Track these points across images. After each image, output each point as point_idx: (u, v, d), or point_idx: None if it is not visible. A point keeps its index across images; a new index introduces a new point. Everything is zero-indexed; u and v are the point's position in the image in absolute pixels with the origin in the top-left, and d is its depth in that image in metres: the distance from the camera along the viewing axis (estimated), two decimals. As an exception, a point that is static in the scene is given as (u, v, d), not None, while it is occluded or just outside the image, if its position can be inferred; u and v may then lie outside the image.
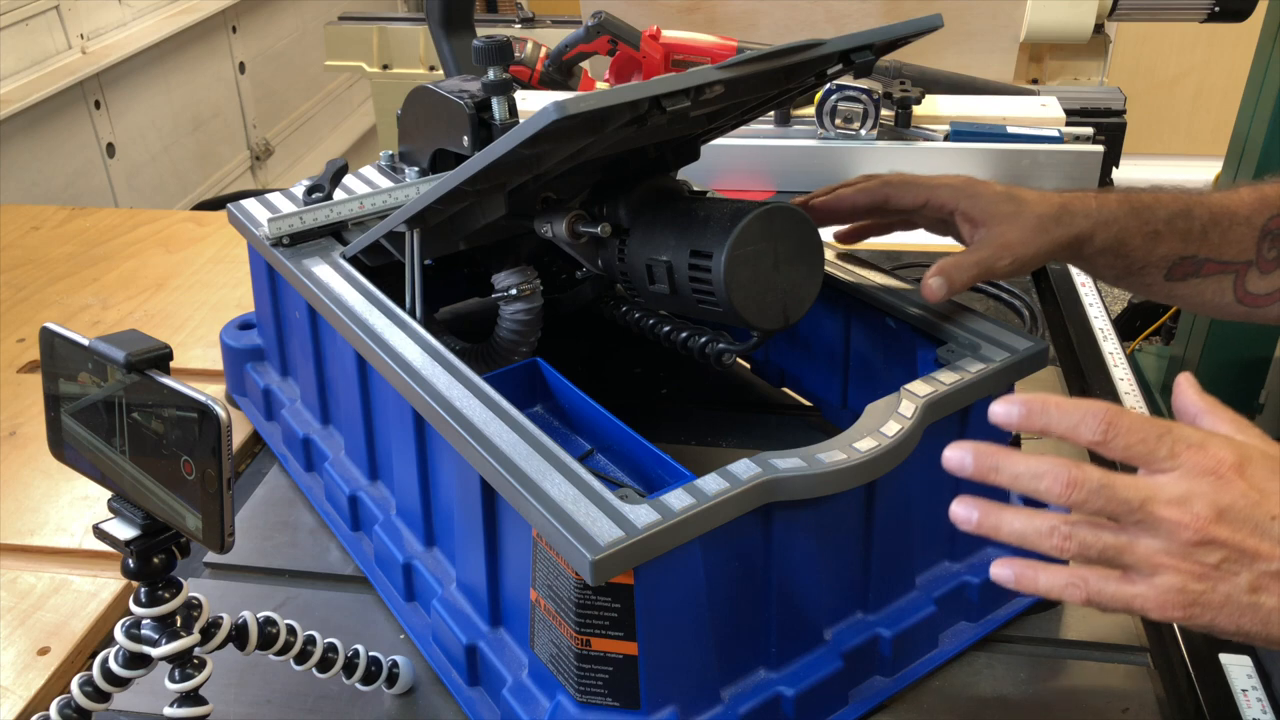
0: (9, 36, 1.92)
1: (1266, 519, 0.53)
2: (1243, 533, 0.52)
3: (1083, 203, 0.79)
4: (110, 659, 0.62)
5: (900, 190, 0.83)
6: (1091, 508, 0.54)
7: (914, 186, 0.83)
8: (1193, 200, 0.81)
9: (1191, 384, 0.60)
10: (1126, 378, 1.09)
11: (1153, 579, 0.54)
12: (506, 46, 0.86)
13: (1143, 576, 0.54)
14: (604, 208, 0.83)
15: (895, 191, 0.83)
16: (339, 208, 0.93)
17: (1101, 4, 1.83)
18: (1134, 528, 0.54)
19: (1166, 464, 0.54)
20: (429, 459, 0.78)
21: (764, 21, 1.95)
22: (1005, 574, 0.58)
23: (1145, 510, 0.53)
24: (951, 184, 0.81)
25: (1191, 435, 0.55)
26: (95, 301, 1.31)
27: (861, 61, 0.76)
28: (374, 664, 0.72)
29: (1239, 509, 0.53)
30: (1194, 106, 3.48)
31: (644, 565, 0.60)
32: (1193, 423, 0.59)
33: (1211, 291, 0.82)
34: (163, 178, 2.41)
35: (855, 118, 1.45)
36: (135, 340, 0.55)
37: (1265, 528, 0.52)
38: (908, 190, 0.83)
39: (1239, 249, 0.80)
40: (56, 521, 0.94)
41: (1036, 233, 0.77)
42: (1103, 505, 0.54)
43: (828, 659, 0.71)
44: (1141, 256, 0.80)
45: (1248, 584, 0.53)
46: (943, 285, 0.76)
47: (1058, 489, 0.54)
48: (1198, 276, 0.81)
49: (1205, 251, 0.80)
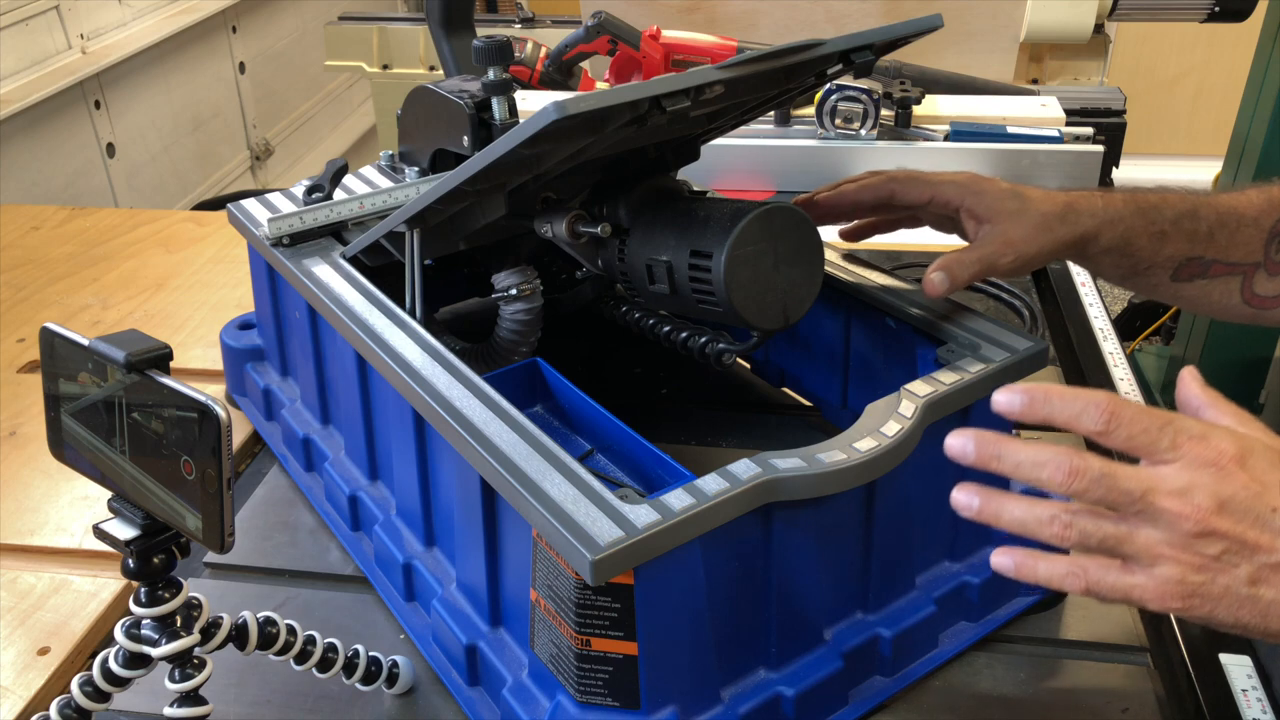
0: (9, 36, 1.92)
1: (1267, 511, 0.53)
2: (1243, 525, 0.52)
3: (1088, 202, 0.79)
4: (110, 659, 0.62)
5: (905, 186, 0.83)
6: (1092, 497, 0.54)
7: (919, 183, 0.82)
8: (1200, 201, 0.80)
9: (1195, 377, 0.60)
10: (1126, 378, 1.09)
11: (1152, 569, 0.54)
12: (506, 46, 0.86)
13: (1142, 567, 0.54)
14: (604, 208, 0.83)
15: (900, 187, 0.83)
16: (339, 208, 0.93)
17: (1101, 4, 1.83)
18: (1134, 518, 0.54)
19: (1168, 455, 0.54)
20: (429, 459, 0.78)
21: (764, 21, 1.95)
22: (1005, 562, 0.58)
23: (1146, 500, 0.53)
24: (957, 180, 0.81)
25: (1193, 427, 0.55)
26: (95, 301, 1.31)
27: (861, 61, 0.76)
28: (374, 664, 0.72)
29: (1240, 501, 0.53)
30: (1194, 106, 3.48)
31: (644, 565, 0.60)
32: (1195, 415, 0.59)
33: (1219, 293, 0.82)
34: (163, 178, 2.41)
35: (855, 118, 1.45)
36: (135, 340, 0.55)
37: (1266, 520, 0.52)
38: (913, 186, 0.83)
39: (1246, 250, 0.80)
40: (56, 521, 0.94)
41: (1040, 231, 0.77)
42: (1104, 495, 0.54)
43: (828, 659, 0.71)
44: (1148, 257, 0.80)
45: (1247, 576, 0.53)
46: (944, 280, 0.76)
47: (1059, 477, 0.54)
48: (1205, 278, 0.81)
49: (1212, 253, 0.80)
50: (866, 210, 0.86)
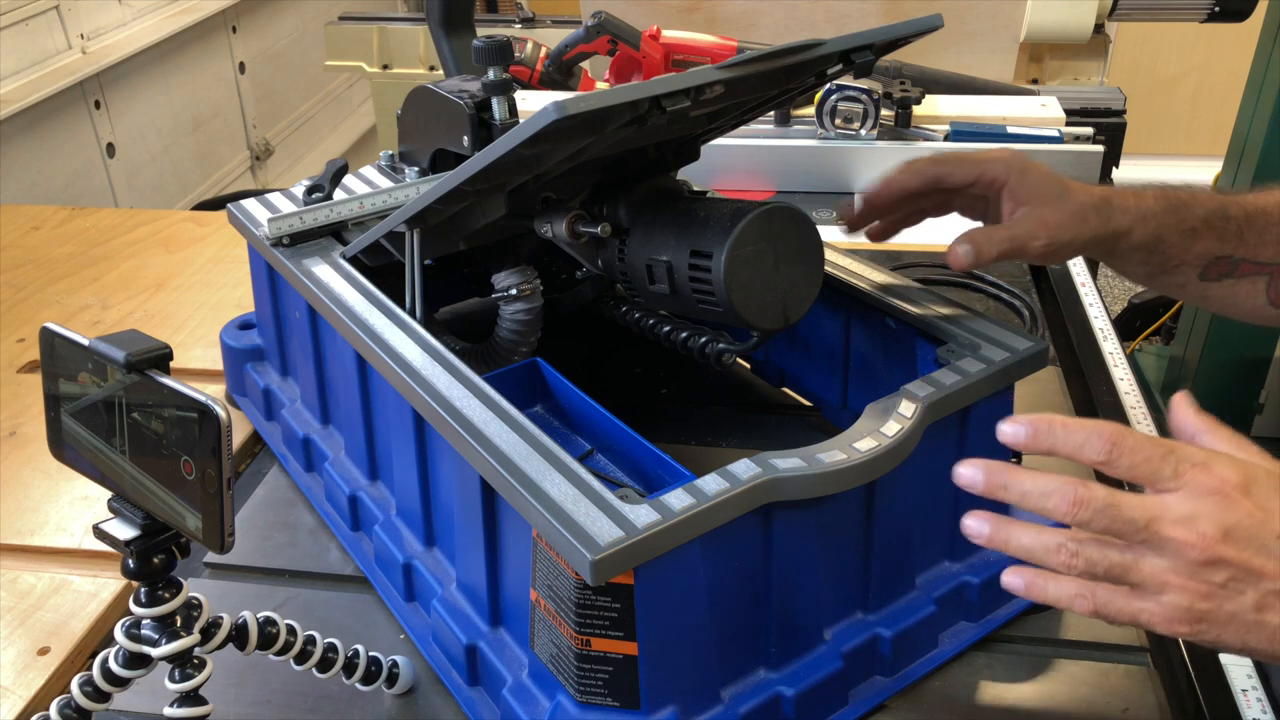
0: (9, 36, 1.92)
1: (1272, 538, 0.53)
2: (1248, 552, 0.53)
3: (1122, 198, 0.78)
4: (110, 659, 0.62)
5: (953, 167, 0.82)
6: (1097, 526, 0.54)
7: (966, 162, 0.81)
8: (1228, 200, 0.81)
9: (1189, 403, 0.60)
10: (1126, 378, 1.09)
11: (1160, 597, 0.54)
12: (506, 46, 0.86)
13: (1150, 593, 0.54)
14: (604, 208, 0.83)
15: (947, 169, 0.82)
16: (339, 208, 0.93)
17: (1101, 4, 1.83)
18: (1140, 546, 0.54)
19: (1171, 484, 0.54)
20: (429, 459, 0.78)
21: (764, 21, 1.95)
22: (1016, 583, 0.58)
23: (1151, 530, 0.53)
24: (1002, 158, 0.80)
25: (1195, 455, 0.55)
26: (95, 301, 1.31)
27: (861, 61, 0.76)
28: (374, 664, 0.72)
29: (1244, 528, 0.53)
30: (1194, 106, 3.48)
31: (644, 565, 0.60)
32: (1192, 441, 0.59)
33: (1245, 293, 0.81)
34: (163, 178, 2.41)
35: (855, 118, 1.45)
36: (135, 340, 0.55)
37: (1270, 547, 0.53)
38: (960, 166, 0.81)
39: (1275, 250, 0.80)
40: (56, 521, 0.94)
41: (1076, 220, 0.76)
42: (1108, 524, 0.54)
43: (828, 659, 0.71)
44: (1177, 254, 0.79)
45: (1254, 602, 0.53)
46: (970, 254, 0.75)
47: (1064, 507, 0.55)
48: (1232, 277, 0.81)
49: (1241, 251, 0.80)
50: (914, 197, 0.85)
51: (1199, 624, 0.54)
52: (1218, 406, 1.77)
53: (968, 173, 0.81)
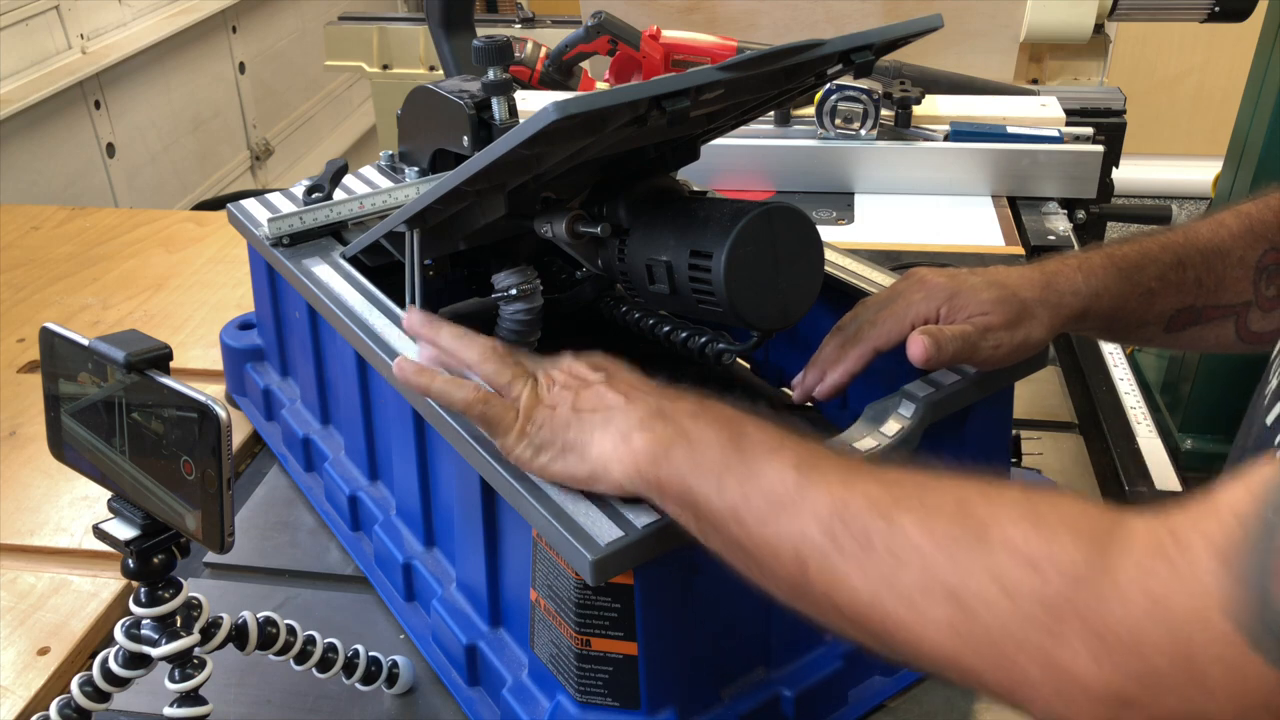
0: (9, 36, 1.92)
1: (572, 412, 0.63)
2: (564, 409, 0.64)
3: (1070, 280, 0.74)
4: (110, 659, 0.62)
5: (883, 330, 0.76)
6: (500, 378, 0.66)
7: (891, 318, 0.76)
8: (1182, 246, 0.77)
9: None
10: (1126, 378, 1.09)
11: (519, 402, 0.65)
12: (506, 46, 0.86)
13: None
14: (604, 208, 0.82)
15: (878, 336, 0.77)
16: (339, 208, 0.93)
17: (1101, 4, 1.83)
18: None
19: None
20: (429, 459, 0.78)
21: (764, 21, 1.95)
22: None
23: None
24: (925, 291, 0.75)
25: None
26: (95, 301, 1.31)
27: (861, 61, 0.75)
28: (374, 664, 0.72)
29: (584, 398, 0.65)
30: (1194, 106, 3.48)
31: (644, 565, 0.60)
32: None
33: (1213, 336, 0.79)
34: (163, 178, 2.41)
35: (855, 118, 1.45)
36: (135, 340, 0.55)
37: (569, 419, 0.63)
38: (888, 325, 0.76)
39: (1236, 291, 0.77)
40: (56, 521, 0.94)
41: (1024, 317, 0.73)
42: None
43: (828, 659, 0.71)
44: (1138, 316, 0.76)
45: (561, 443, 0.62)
46: (932, 345, 0.70)
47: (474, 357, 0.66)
48: (1198, 324, 0.78)
49: (1203, 299, 0.77)
50: (859, 375, 0.79)
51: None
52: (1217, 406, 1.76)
53: (897, 328, 0.76)
